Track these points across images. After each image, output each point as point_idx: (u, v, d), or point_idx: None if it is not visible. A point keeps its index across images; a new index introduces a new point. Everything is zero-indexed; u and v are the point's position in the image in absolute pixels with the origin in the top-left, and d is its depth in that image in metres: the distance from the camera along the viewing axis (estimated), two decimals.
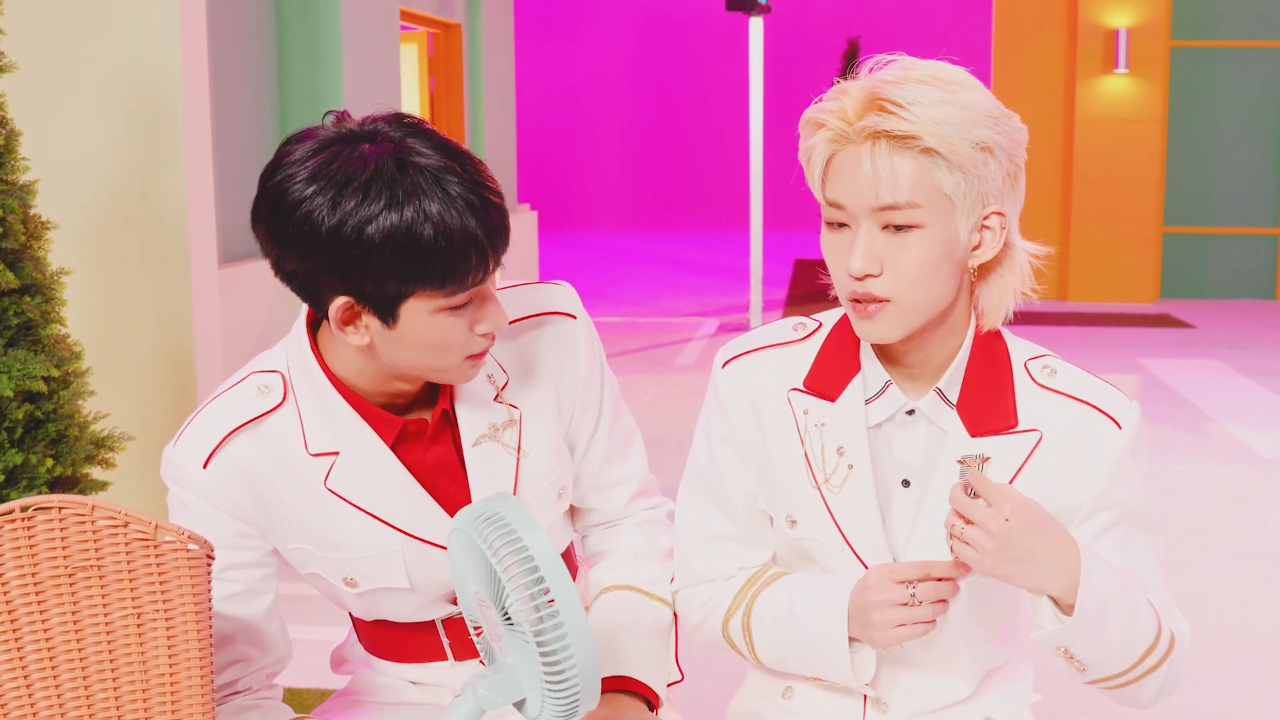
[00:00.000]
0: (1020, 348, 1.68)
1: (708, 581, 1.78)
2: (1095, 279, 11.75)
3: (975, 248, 1.57)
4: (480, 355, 1.60)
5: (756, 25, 9.90)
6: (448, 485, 1.70)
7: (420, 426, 1.68)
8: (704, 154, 20.21)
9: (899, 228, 1.52)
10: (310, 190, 1.47)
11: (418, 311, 1.52)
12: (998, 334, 1.66)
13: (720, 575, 1.78)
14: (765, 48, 10.21)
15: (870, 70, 1.55)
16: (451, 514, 1.68)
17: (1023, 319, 1.72)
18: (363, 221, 1.46)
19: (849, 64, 12.27)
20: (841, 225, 1.56)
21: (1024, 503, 1.48)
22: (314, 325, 1.67)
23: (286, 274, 1.55)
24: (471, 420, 1.70)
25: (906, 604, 1.55)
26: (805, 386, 1.67)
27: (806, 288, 12.62)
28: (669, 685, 1.85)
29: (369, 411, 1.65)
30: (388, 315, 1.53)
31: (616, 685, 1.76)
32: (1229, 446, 6.63)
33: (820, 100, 1.55)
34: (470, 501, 1.69)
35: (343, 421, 1.64)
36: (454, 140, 1.54)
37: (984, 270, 1.61)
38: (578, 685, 1.39)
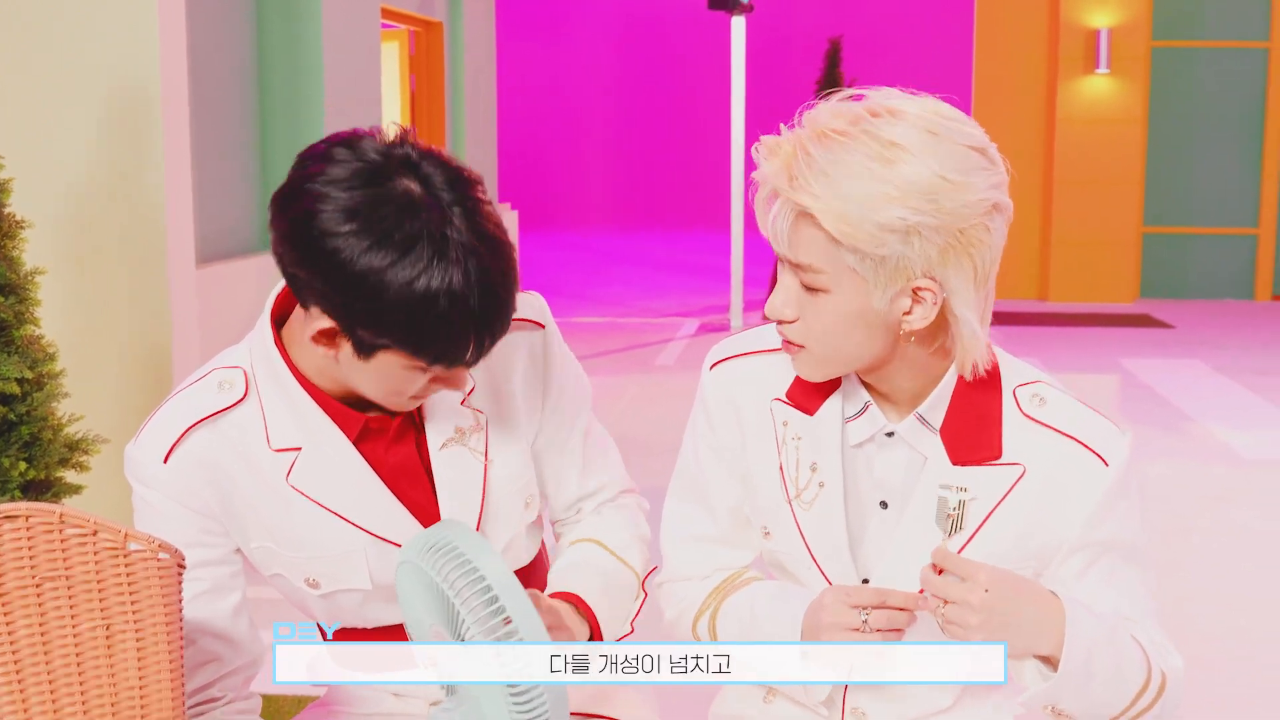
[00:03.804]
0: (1012, 371, 1.62)
1: (685, 580, 1.77)
2: (1076, 279, 11.78)
3: (907, 313, 1.49)
4: (425, 397, 1.61)
5: (738, 24, 9.89)
6: (409, 488, 1.68)
7: (383, 424, 1.66)
8: (686, 153, 20.20)
9: (809, 286, 1.49)
10: (346, 228, 1.43)
11: (393, 361, 1.52)
12: (990, 355, 1.59)
13: (698, 575, 1.77)
14: (747, 47, 10.20)
15: (839, 99, 1.48)
16: (415, 516, 1.66)
17: (1003, 319, 1.69)
18: (391, 284, 1.43)
19: (831, 63, 12.24)
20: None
21: (997, 571, 1.46)
22: (278, 319, 1.66)
23: (287, 272, 1.52)
24: (438, 423, 1.68)
25: (858, 630, 1.51)
26: (787, 397, 1.64)
27: None
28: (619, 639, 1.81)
29: (331, 407, 1.63)
30: (365, 353, 1.52)
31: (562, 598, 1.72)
32: (1210, 447, 6.64)
33: (765, 140, 1.48)
34: (434, 504, 1.68)
35: (306, 416, 1.63)
36: (493, 217, 1.50)
37: (929, 334, 1.52)
38: (546, 711, 1.37)
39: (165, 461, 1.62)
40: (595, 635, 1.73)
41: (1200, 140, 11.94)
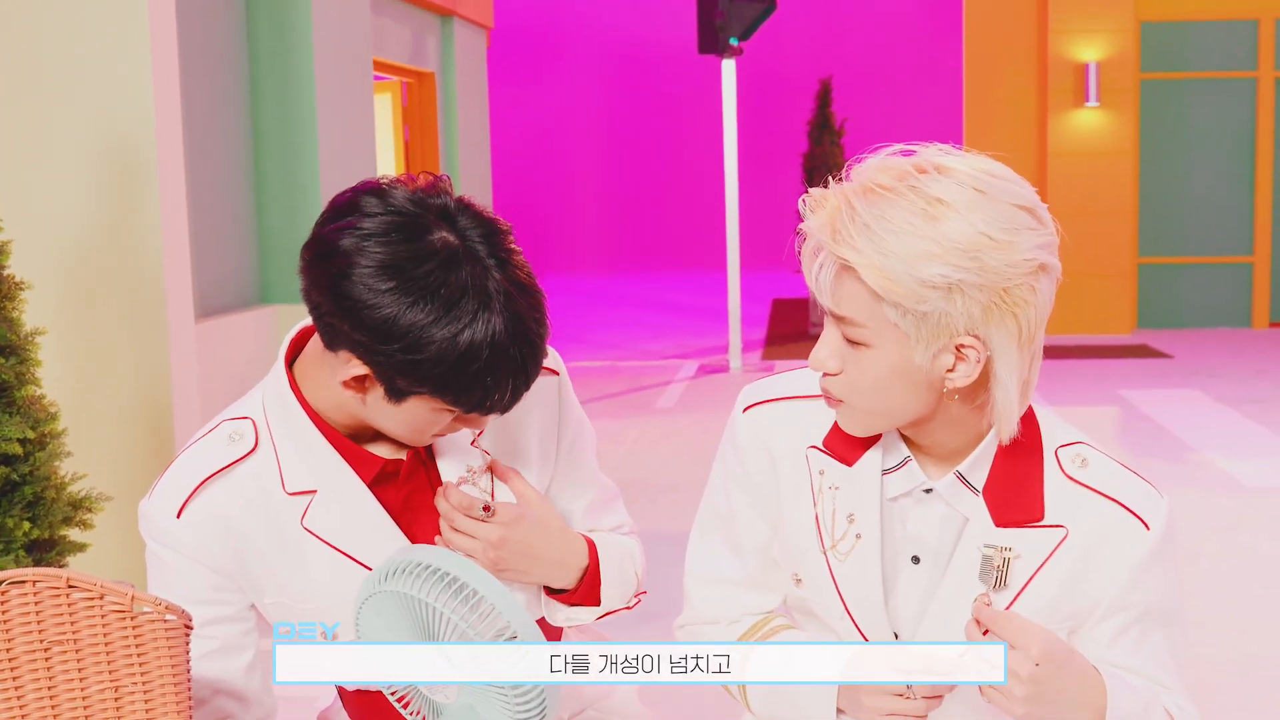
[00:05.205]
0: (1053, 431, 1.61)
1: (711, 623, 1.75)
2: (1072, 311, 11.78)
3: (950, 370, 1.47)
4: (445, 434, 1.62)
5: (729, 67, 9.95)
6: (413, 523, 1.67)
7: (398, 466, 1.66)
8: (679, 195, 20.26)
9: (851, 339, 1.48)
10: (387, 285, 1.43)
11: (423, 404, 1.53)
12: (1031, 416, 1.58)
13: (725, 618, 1.74)
14: (739, 89, 10.25)
15: (890, 154, 1.47)
16: None
17: None
18: (435, 338, 1.44)
19: (822, 103, 12.30)
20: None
21: (1049, 641, 1.44)
22: (290, 357, 1.66)
23: (322, 321, 1.52)
24: (449, 461, 1.69)
25: (902, 694, 1.50)
26: (824, 446, 1.62)
27: (785, 327, 12.63)
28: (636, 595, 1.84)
29: (348, 449, 1.63)
30: (397, 398, 1.52)
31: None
32: (1212, 476, 6.64)
33: (812, 193, 1.47)
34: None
35: (321, 460, 1.63)
36: (525, 266, 1.52)
37: (972, 391, 1.50)
38: (543, 697, 1.40)
39: (179, 517, 1.61)
40: (593, 569, 1.74)
41: (1192, 170, 12.00)
